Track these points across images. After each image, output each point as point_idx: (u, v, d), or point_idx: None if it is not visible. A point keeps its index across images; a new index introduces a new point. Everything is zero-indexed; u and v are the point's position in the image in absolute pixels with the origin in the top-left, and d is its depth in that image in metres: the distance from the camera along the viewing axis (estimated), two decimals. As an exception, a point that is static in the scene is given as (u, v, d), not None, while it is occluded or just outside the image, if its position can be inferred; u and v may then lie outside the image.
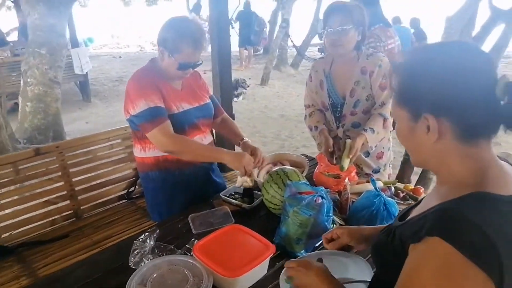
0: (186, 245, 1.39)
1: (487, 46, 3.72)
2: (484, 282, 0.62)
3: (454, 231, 0.65)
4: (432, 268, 0.65)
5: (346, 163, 1.84)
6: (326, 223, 1.36)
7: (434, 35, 8.39)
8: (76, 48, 6.90)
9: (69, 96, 7.40)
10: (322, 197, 1.40)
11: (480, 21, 3.98)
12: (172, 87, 1.74)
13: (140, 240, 1.37)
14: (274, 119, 5.88)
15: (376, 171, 2.11)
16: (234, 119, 2.75)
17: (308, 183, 1.56)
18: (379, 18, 2.51)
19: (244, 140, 1.88)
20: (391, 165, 2.25)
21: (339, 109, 2.05)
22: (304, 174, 1.83)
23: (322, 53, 9.00)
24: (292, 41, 9.68)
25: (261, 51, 12.03)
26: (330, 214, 1.39)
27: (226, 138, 2.07)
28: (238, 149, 1.95)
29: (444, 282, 0.64)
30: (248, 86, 7.05)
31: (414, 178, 3.25)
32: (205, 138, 1.85)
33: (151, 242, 1.36)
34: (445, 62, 0.71)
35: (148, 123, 1.61)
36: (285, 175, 1.62)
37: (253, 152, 1.77)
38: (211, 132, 2.00)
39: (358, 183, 1.81)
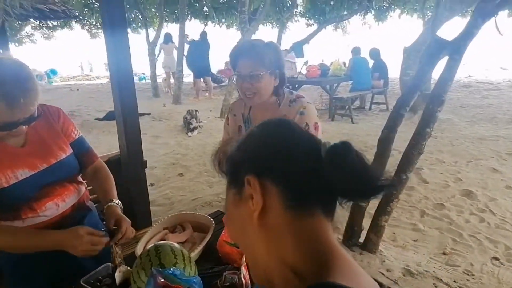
0: None
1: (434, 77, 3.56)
2: None
3: None
4: None
5: None
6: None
7: (394, 65, 8.41)
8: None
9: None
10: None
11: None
12: (9, 146, 1.32)
13: None
14: (228, 154, 5.51)
15: None
16: (146, 166, 2.35)
17: (182, 271, 1.15)
18: None
19: (109, 204, 1.43)
20: None
21: None
22: (205, 241, 1.47)
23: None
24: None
25: (226, 82, 11.83)
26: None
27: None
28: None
29: None
30: (193, 119, 6.67)
31: (366, 223, 2.90)
32: (64, 202, 1.41)
33: None
34: (260, 132, 0.70)
35: None
36: (156, 257, 1.21)
37: (117, 223, 1.37)
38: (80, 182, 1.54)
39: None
